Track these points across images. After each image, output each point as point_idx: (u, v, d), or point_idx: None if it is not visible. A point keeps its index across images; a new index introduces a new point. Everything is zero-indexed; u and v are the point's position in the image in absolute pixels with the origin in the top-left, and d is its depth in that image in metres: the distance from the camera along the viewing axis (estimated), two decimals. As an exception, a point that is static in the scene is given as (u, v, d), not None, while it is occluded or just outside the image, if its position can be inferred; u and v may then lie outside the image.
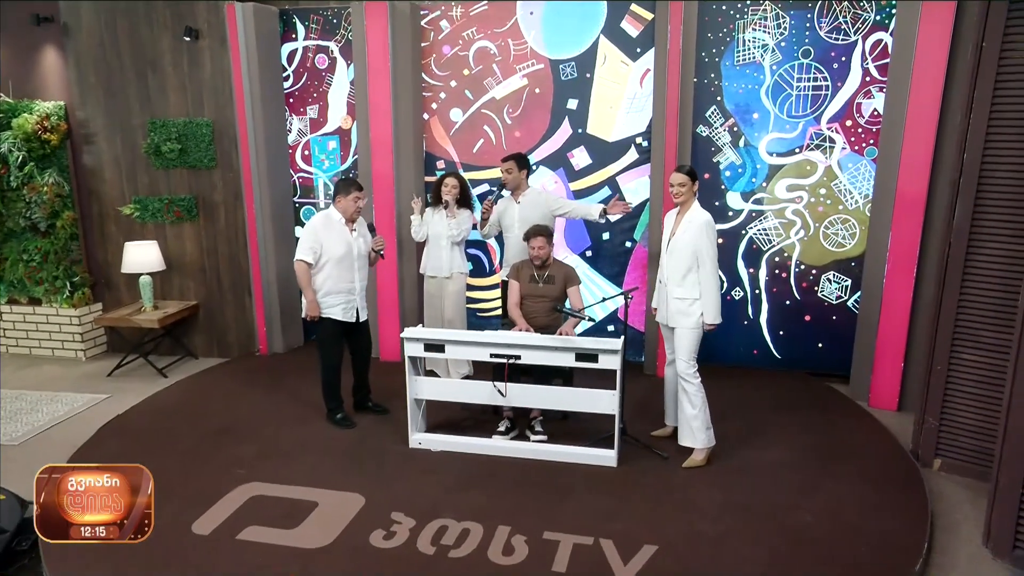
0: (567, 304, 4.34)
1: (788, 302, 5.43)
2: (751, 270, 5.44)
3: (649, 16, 5.20)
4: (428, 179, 5.79)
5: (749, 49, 5.12)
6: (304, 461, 4.17)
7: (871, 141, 5.06)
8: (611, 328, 5.75)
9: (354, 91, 5.72)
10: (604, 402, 4.04)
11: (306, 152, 6.03)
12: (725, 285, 5.45)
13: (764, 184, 5.29)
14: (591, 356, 3.96)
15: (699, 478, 3.94)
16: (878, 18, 4.89)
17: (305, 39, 5.83)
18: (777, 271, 5.40)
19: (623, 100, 5.40)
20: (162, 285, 6.12)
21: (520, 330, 4.28)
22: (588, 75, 5.40)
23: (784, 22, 5.03)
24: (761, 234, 5.37)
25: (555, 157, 5.59)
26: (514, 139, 5.61)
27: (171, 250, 6.05)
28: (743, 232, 5.40)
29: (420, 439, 4.31)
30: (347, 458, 4.21)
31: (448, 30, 5.54)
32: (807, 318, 5.42)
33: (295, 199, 6.12)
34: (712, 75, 5.19)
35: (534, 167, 5.61)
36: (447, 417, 4.59)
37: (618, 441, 4.06)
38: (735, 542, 3.34)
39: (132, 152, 5.94)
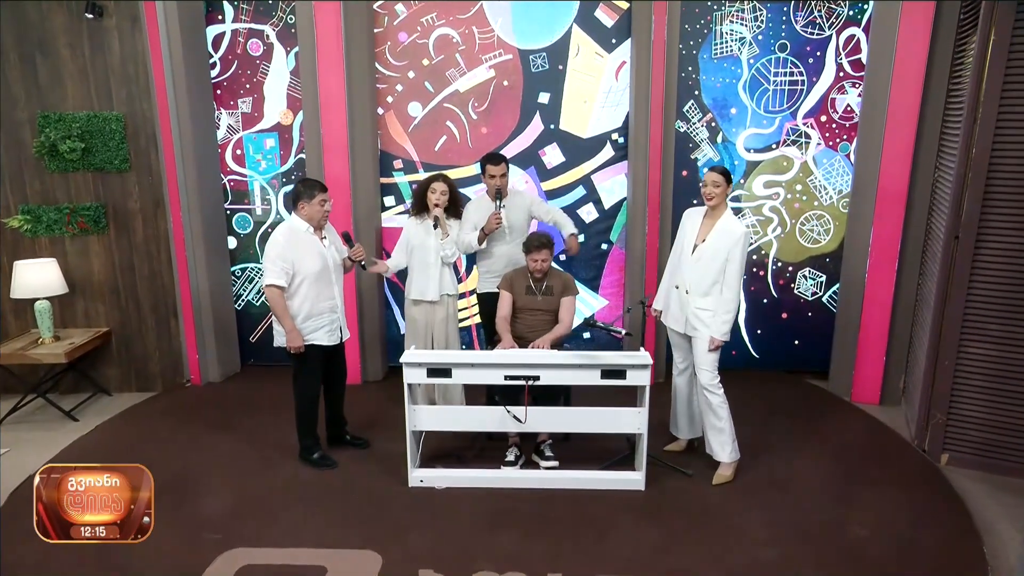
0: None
1: (765, 300, 5.35)
2: (729, 269, 5.30)
3: (625, 5, 4.92)
4: (384, 180, 5.22)
5: (727, 42, 4.97)
6: (289, 515, 3.54)
7: (844, 137, 5.06)
8: (586, 335, 5.43)
9: (297, 82, 5.04)
10: (628, 421, 3.71)
11: (238, 151, 5.27)
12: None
13: (742, 181, 5.17)
14: (618, 372, 3.62)
15: (734, 497, 3.70)
16: (851, 13, 4.88)
17: (234, 21, 5.07)
18: (755, 269, 5.30)
19: (598, 94, 5.09)
20: (61, 311, 5.14)
21: (504, 347, 3.84)
22: (560, 67, 5.04)
23: (761, 15, 4.91)
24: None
25: (526, 155, 5.19)
26: (481, 136, 5.16)
27: (73, 269, 5.08)
28: (721, 230, 5.24)
29: (421, 476, 3.79)
30: (340, 507, 3.62)
31: (405, 15, 4.99)
32: (784, 316, 5.37)
33: (226, 205, 5.33)
34: (690, 68, 5.00)
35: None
36: (434, 447, 4.08)
37: (646, 462, 3.74)
38: (802, 569, 3.11)
39: (18, 152, 4.92)
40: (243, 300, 5.50)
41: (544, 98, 5.09)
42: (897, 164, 4.63)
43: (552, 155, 5.18)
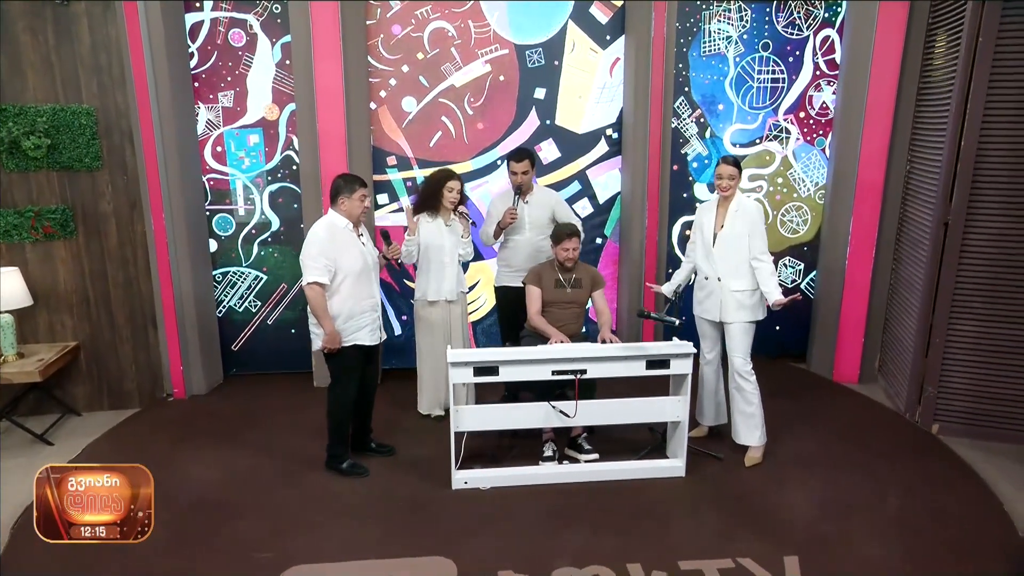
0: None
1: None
2: (717, 260, 5.50)
3: (619, 3, 4.99)
4: (377, 178, 5.05)
5: (715, 40, 5.14)
6: (337, 528, 3.38)
7: (820, 132, 5.35)
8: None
9: (283, 75, 4.81)
10: (670, 409, 3.79)
11: (218, 148, 4.95)
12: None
13: (729, 175, 5.36)
14: (663, 362, 3.68)
15: (767, 477, 3.85)
16: (826, 15, 5.17)
17: (214, 9, 4.75)
18: (741, 259, 5.51)
19: (592, 90, 5.14)
20: (21, 325, 4.65)
21: (556, 341, 3.84)
22: (556, 63, 5.06)
23: (746, 15, 5.12)
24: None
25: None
26: (476, 131, 5.09)
27: (35, 278, 4.61)
28: (710, 223, 5.43)
29: (465, 478, 3.71)
30: (390, 515, 3.49)
31: (398, 7, 4.85)
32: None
33: (206, 206, 4.99)
34: (680, 65, 5.14)
35: (499, 162, 5.16)
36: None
37: (687, 450, 3.83)
38: (860, 542, 3.28)
39: (-32, 150, 4.42)
40: (224, 307, 5.17)
41: (540, 93, 5.09)
42: (874, 157, 4.95)
43: (548, 150, 5.19)
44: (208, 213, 5.00)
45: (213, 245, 5.05)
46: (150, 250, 4.68)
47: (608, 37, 5.07)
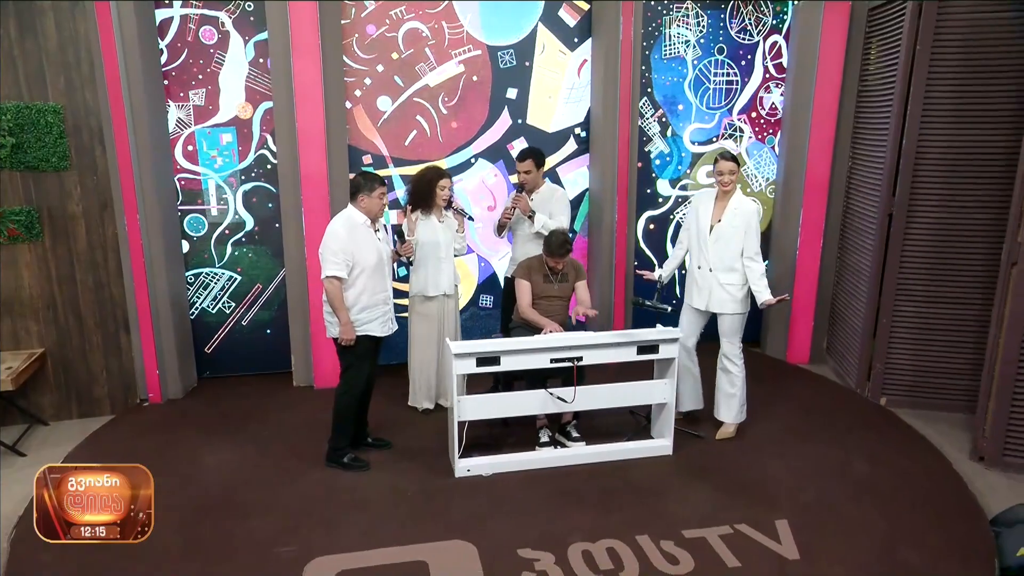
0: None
1: (708, 279, 5.91)
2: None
3: (586, 6, 5.21)
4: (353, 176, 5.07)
5: (674, 44, 5.44)
6: (352, 521, 3.44)
7: (770, 131, 5.74)
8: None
9: (256, 73, 4.78)
10: (658, 392, 4.03)
11: (190, 147, 4.86)
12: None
13: (688, 171, 5.69)
14: (652, 348, 3.92)
15: (749, 451, 4.15)
16: (775, 22, 5.55)
17: (183, 6, 4.67)
18: (699, 251, 5.85)
19: (561, 90, 5.34)
20: (-20, 332, 4.45)
21: (550, 331, 4.02)
22: (527, 63, 5.23)
23: (703, 20, 5.43)
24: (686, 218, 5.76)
25: (495, 149, 5.32)
26: (451, 130, 5.20)
27: (-2, 283, 4.43)
28: (671, 217, 5.74)
29: (468, 466, 3.84)
30: (399, 506, 3.58)
31: (373, 7, 4.90)
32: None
33: (178, 206, 4.90)
34: (643, 68, 5.40)
35: (472, 160, 5.29)
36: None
37: (674, 430, 4.08)
38: (838, 503, 3.60)
39: (-79, 150, 4.19)
40: (197, 308, 5.08)
41: (512, 93, 5.25)
42: (821, 154, 5.36)
43: (520, 148, 5.34)
44: (179, 214, 4.91)
45: (185, 246, 4.96)
46: (122, 252, 4.56)
47: (576, 40, 5.27)
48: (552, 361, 3.79)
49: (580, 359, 3.82)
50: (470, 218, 4.64)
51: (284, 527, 3.39)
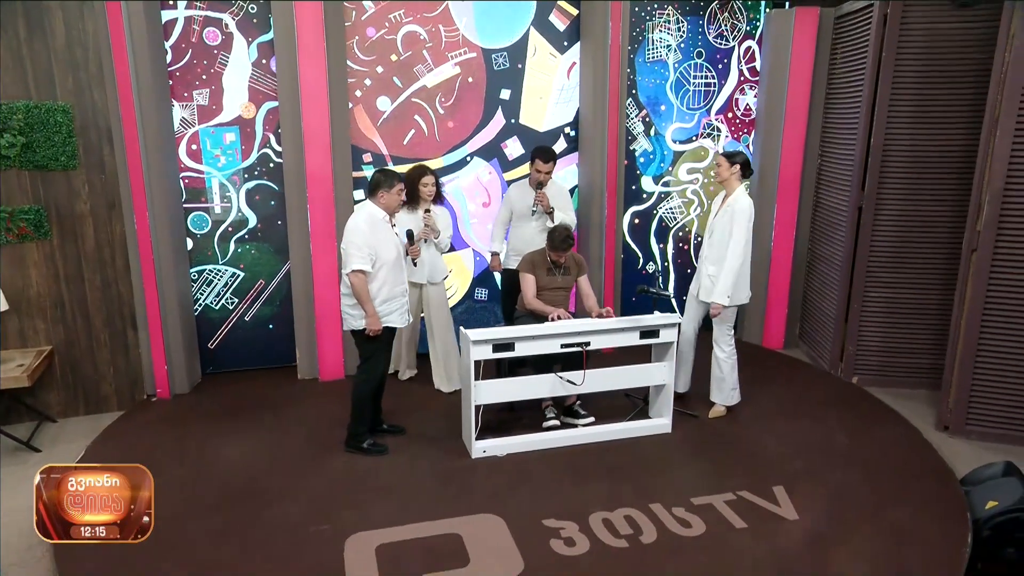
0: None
1: (689, 270, 6.25)
2: (661, 245, 6.14)
3: (575, 12, 5.47)
4: (355, 175, 5.23)
5: (657, 48, 5.74)
6: (380, 501, 3.62)
7: (745, 130, 6.10)
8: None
9: (259, 74, 4.91)
10: (658, 374, 4.32)
11: (193, 146, 4.95)
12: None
13: (670, 168, 6.01)
14: (654, 332, 4.20)
15: (741, 427, 4.48)
16: (748, 28, 5.91)
17: (188, 8, 4.76)
18: (681, 244, 6.18)
19: (552, 91, 5.59)
20: (-13, 331, 4.47)
21: (557, 317, 4.26)
22: (520, 65, 5.46)
23: (683, 26, 5.75)
24: (668, 213, 6.09)
25: (489, 148, 5.53)
26: (447, 129, 5.40)
27: (6, 282, 4.44)
28: (654, 212, 6.05)
29: (484, 447, 4.06)
30: (423, 486, 3.77)
31: (373, 10, 5.06)
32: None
33: (183, 204, 4.98)
34: (628, 70, 5.69)
35: (468, 158, 5.50)
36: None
37: (673, 409, 4.38)
38: (826, 472, 3.94)
39: (-73, 149, 4.20)
40: (200, 305, 5.17)
41: (505, 94, 5.47)
42: (793, 152, 5.74)
43: (513, 147, 5.58)
44: (183, 211, 4.99)
45: (188, 243, 5.04)
46: (130, 250, 4.63)
47: (565, 43, 5.53)
48: (563, 347, 4.03)
49: (588, 344, 4.08)
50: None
51: (314, 509, 3.55)
